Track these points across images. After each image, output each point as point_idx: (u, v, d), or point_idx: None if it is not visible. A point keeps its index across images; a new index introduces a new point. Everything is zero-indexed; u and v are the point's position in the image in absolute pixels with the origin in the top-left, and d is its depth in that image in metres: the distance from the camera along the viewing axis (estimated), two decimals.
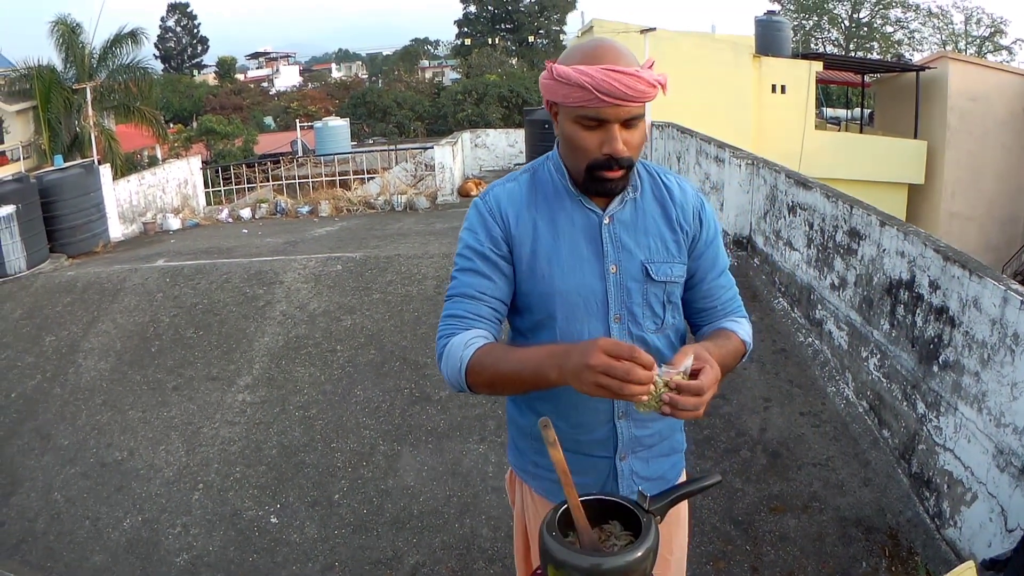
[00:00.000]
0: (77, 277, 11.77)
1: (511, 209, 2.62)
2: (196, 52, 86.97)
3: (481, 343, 2.45)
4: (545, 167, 2.69)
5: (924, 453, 5.78)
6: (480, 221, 2.63)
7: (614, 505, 2.46)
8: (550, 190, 2.64)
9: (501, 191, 2.68)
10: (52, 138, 27.38)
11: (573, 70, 2.33)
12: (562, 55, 2.48)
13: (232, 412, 8.24)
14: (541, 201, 2.63)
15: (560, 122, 2.51)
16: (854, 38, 57.57)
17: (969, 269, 5.24)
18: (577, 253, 2.59)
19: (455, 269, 2.64)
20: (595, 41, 2.44)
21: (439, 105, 57.08)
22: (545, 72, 2.46)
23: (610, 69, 2.30)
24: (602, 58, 2.35)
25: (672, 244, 2.67)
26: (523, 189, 2.66)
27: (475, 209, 2.67)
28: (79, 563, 6.59)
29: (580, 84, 2.32)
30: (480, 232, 2.61)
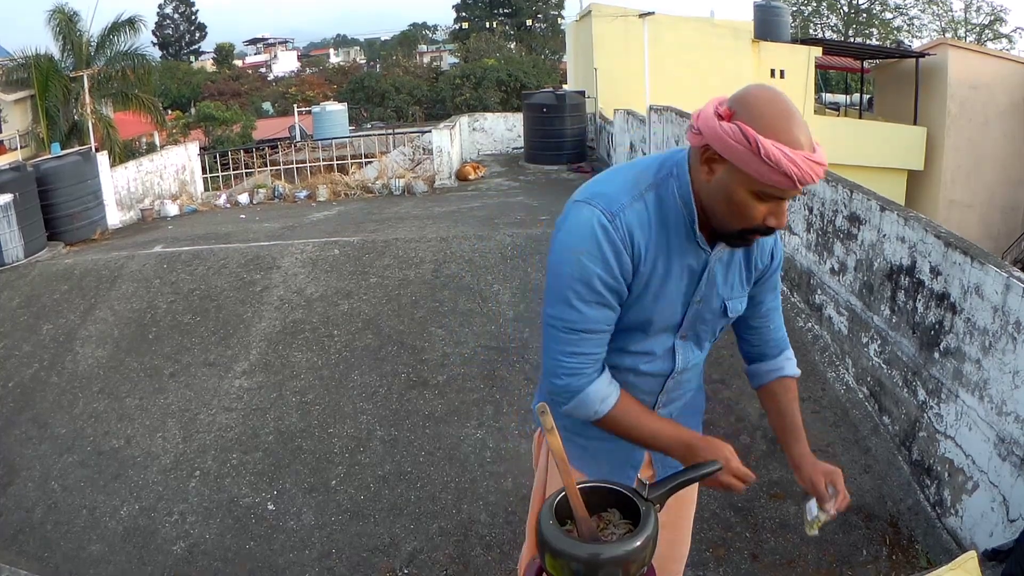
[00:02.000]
0: (74, 265, 11.73)
1: (642, 240, 2.47)
2: (194, 39, 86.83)
3: (615, 399, 2.61)
4: (670, 190, 2.50)
5: (925, 440, 5.75)
6: (612, 250, 2.43)
7: (613, 493, 2.43)
8: (672, 220, 2.51)
9: (632, 216, 2.45)
10: (50, 126, 27.34)
11: (783, 156, 2.21)
12: (745, 110, 2.28)
13: (229, 398, 8.21)
14: (664, 233, 2.51)
15: (724, 180, 2.36)
16: (853, 24, 57.46)
17: (971, 255, 5.20)
18: (676, 287, 2.60)
19: (575, 297, 2.48)
20: (784, 108, 2.29)
21: (437, 90, 57.04)
22: (729, 129, 2.26)
23: (812, 160, 2.25)
24: (800, 141, 2.25)
25: (745, 281, 2.76)
26: (651, 214, 2.49)
27: (603, 233, 2.43)
28: (76, 553, 6.57)
29: (786, 173, 2.23)
30: (612, 262, 2.44)
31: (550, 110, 20.72)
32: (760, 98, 2.27)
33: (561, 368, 2.56)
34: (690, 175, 2.46)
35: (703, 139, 2.33)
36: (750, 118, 2.24)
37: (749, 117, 2.24)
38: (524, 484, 6.57)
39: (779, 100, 2.28)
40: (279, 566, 6.07)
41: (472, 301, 9.45)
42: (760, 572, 5.39)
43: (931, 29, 55.85)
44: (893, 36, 56.50)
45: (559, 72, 55.99)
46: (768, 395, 3.02)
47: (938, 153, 26.11)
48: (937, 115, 26.25)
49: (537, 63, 60.16)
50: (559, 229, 2.52)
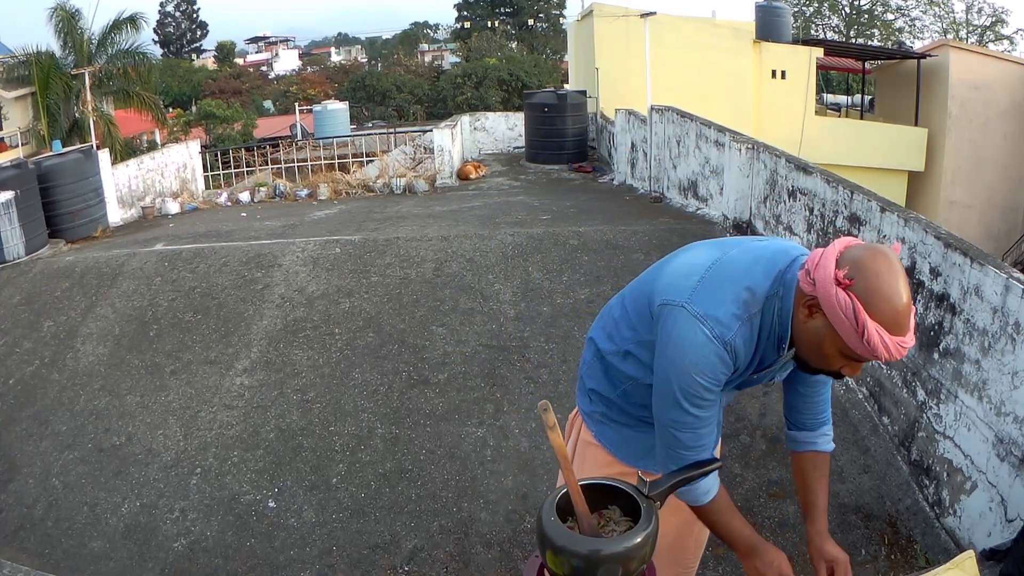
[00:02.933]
0: (76, 262, 11.73)
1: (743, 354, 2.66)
2: (195, 37, 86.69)
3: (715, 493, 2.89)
4: (772, 311, 2.66)
5: (924, 441, 5.76)
6: (723, 370, 2.64)
7: (614, 490, 2.44)
8: (766, 333, 2.68)
9: (739, 340, 2.63)
10: (51, 124, 27.36)
11: (881, 343, 2.35)
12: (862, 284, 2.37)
13: (230, 396, 8.22)
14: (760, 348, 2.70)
15: (819, 330, 2.52)
16: (855, 25, 57.40)
17: (970, 256, 5.21)
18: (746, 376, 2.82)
19: (691, 406, 2.68)
20: (897, 290, 2.37)
21: (439, 88, 57.02)
22: (843, 300, 2.38)
23: (903, 346, 2.37)
24: (902, 327, 2.38)
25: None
26: (753, 332, 2.66)
27: (717, 358, 2.63)
28: (77, 549, 6.58)
29: (876, 354, 2.39)
30: (721, 377, 2.66)
31: (551, 109, 20.73)
32: (877, 273, 2.36)
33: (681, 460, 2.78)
34: (793, 303, 2.61)
35: (814, 291, 2.46)
36: (864, 295, 2.36)
37: (863, 293, 2.36)
38: (525, 483, 6.59)
39: (895, 280, 2.36)
40: (279, 563, 6.09)
41: (473, 300, 9.46)
42: None
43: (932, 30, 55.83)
44: (895, 37, 56.42)
45: (560, 72, 55.94)
46: (799, 465, 3.21)
47: (939, 154, 26.10)
48: (938, 116, 26.25)
49: (539, 63, 60.15)
50: (669, 339, 2.69)
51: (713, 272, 2.69)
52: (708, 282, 2.66)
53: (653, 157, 15.01)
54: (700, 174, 12.46)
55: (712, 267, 2.71)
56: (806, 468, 3.15)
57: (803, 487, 3.16)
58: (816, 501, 3.09)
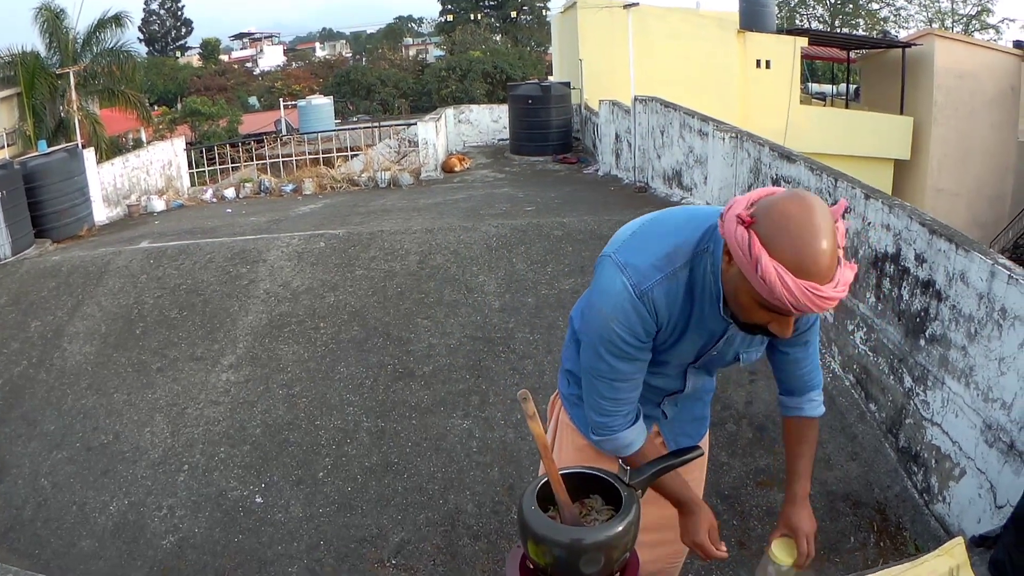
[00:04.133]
0: (62, 261, 11.71)
1: (666, 313, 2.59)
2: (180, 34, 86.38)
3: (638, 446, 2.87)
4: (703, 267, 2.54)
5: (911, 427, 5.78)
6: (640, 323, 2.58)
7: (595, 479, 2.46)
8: (702, 294, 2.57)
9: (660, 293, 2.55)
10: (37, 124, 27.24)
11: (779, 283, 2.15)
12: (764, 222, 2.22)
13: (216, 392, 8.22)
14: (690, 304, 2.60)
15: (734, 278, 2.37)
16: (839, 15, 57.34)
17: (955, 243, 5.22)
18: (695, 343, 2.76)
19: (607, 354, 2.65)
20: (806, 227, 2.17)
21: (423, 82, 57.00)
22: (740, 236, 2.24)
23: (815, 292, 2.14)
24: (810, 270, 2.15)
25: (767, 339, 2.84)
26: (680, 290, 2.56)
27: (632, 308, 2.56)
28: (66, 549, 6.58)
29: (780, 300, 2.19)
30: (639, 331, 2.60)
31: (535, 101, 20.73)
32: (785, 212, 2.20)
33: (600, 409, 2.80)
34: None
35: (723, 233, 2.34)
36: (767, 232, 2.19)
37: (766, 230, 2.20)
38: (511, 474, 6.60)
39: (805, 219, 2.18)
40: (267, 558, 6.10)
41: (457, 292, 9.47)
42: (747, 559, 5.42)
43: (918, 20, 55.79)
44: (880, 27, 56.41)
45: (545, 64, 55.94)
46: (786, 430, 3.16)
47: (925, 142, 26.16)
48: (924, 105, 26.30)
49: (523, 55, 60.11)
50: (593, 285, 2.72)
51: (646, 227, 2.68)
52: (638, 236, 2.65)
53: (637, 147, 15.03)
54: (684, 163, 12.48)
55: (647, 223, 2.69)
56: (791, 433, 3.13)
57: (788, 452, 3.13)
58: (796, 467, 3.06)
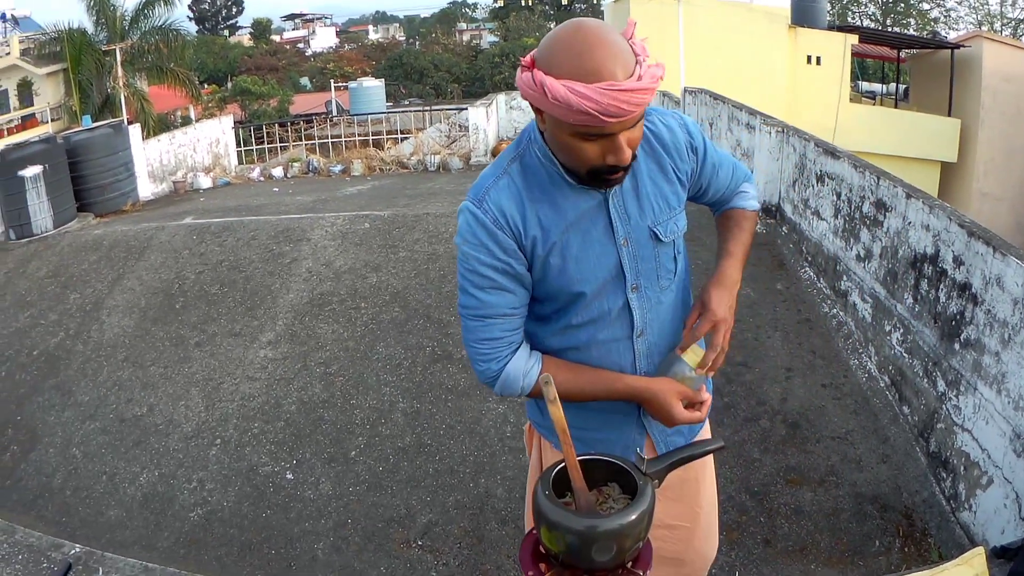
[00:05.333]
0: (103, 235, 11.78)
1: (515, 211, 2.41)
2: (231, 14, 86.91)
3: (539, 368, 2.55)
4: (531, 153, 2.45)
5: (942, 432, 5.65)
6: (486, 234, 2.40)
7: (612, 467, 2.40)
8: (544, 178, 2.43)
9: (497, 194, 2.42)
10: (83, 100, 27.54)
11: (572, 94, 2.05)
12: (542, 54, 2.17)
13: (253, 368, 8.22)
14: (539, 193, 2.43)
15: (549, 127, 2.28)
16: (891, 13, 56.93)
17: (993, 246, 5.08)
18: (588, 239, 2.47)
19: (470, 285, 2.48)
20: (580, 40, 2.10)
21: (476, 68, 57.04)
22: (526, 78, 2.18)
23: (614, 89, 2.04)
24: (598, 71, 2.05)
25: (672, 197, 2.57)
26: (517, 183, 2.43)
27: (474, 220, 2.42)
28: (94, 518, 6.60)
29: (582, 110, 2.06)
30: (491, 245, 2.41)
31: None
32: (557, 38, 2.15)
33: (477, 355, 2.56)
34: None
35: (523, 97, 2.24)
36: (547, 62, 2.14)
37: (546, 61, 2.14)
38: None
39: (577, 34, 2.12)
40: (294, 535, 6.07)
41: None
42: (772, 558, 5.33)
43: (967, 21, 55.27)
44: (930, 27, 55.94)
45: None
46: (718, 221, 2.94)
47: (971, 145, 25.81)
48: (971, 107, 25.96)
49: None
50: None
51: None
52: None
53: None
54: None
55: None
56: (721, 220, 2.89)
57: (719, 236, 2.86)
58: (726, 246, 2.76)
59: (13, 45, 33.93)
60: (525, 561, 2.34)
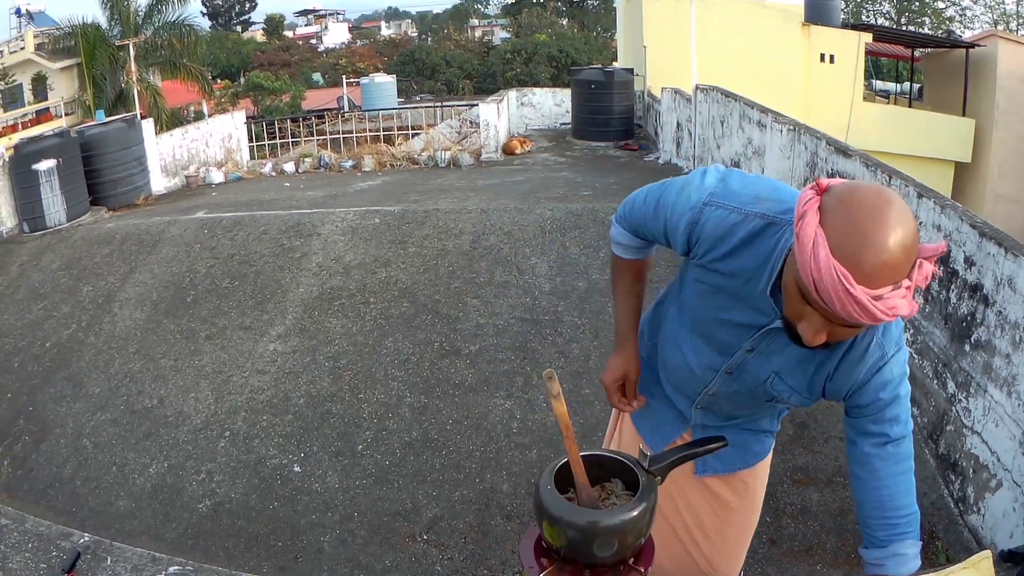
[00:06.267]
0: (116, 229, 11.82)
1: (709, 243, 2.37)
2: (244, 9, 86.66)
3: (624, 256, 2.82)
4: (777, 234, 2.27)
5: (952, 435, 5.65)
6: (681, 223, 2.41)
7: (616, 463, 2.42)
8: (757, 255, 2.31)
9: (719, 219, 2.34)
10: (97, 94, 27.59)
11: (810, 245, 1.89)
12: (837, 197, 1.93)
13: (263, 361, 8.26)
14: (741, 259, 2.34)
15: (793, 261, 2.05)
16: (905, 12, 56.67)
17: (1005, 247, 5.07)
18: (733, 310, 2.45)
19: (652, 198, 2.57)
20: (875, 221, 1.87)
21: (488, 64, 56.91)
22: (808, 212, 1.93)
23: (845, 285, 1.84)
24: (855, 258, 1.85)
25: (813, 385, 2.50)
26: (741, 234, 2.31)
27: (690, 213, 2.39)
28: (103, 508, 6.65)
29: (804, 265, 1.91)
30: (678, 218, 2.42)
31: (598, 87, 20.61)
32: (860, 195, 1.91)
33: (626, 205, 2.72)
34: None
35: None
36: (831, 203, 1.92)
37: (832, 202, 1.93)
38: (549, 456, 6.56)
39: (876, 208, 1.88)
40: (301, 527, 6.12)
41: (508, 273, 9.43)
42: (778, 558, 5.35)
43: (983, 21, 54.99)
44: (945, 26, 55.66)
45: (610, 50, 55.69)
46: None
47: (986, 146, 25.63)
48: (986, 107, 25.78)
49: (589, 40, 59.90)
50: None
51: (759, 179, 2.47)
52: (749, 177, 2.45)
53: (697, 136, 14.90)
54: (743, 155, 12.35)
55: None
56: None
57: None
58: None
59: (28, 40, 34.01)
60: (527, 555, 2.37)
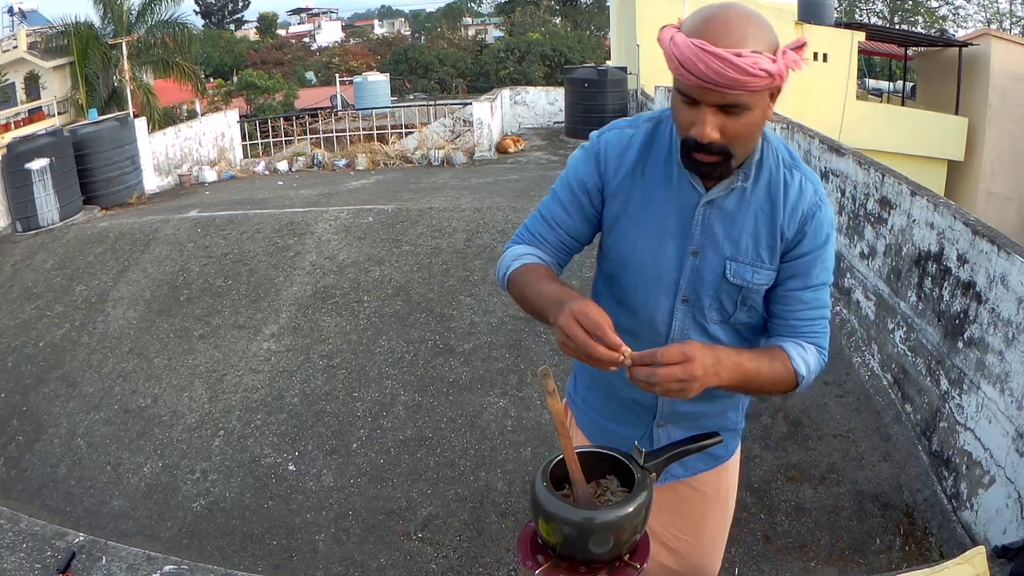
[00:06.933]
0: (109, 228, 11.81)
1: (615, 161, 2.50)
2: (237, 8, 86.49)
3: (529, 261, 2.55)
4: (668, 123, 2.49)
5: (945, 431, 5.65)
6: (584, 161, 2.55)
7: (611, 460, 2.42)
8: (663, 152, 2.48)
9: (616, 137, 2.52)
10: (89, 93, 27.53)
11: (670, 39, 2.16)
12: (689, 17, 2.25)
13: (256, 360, 8.26)
14: (651, 162, 2.48)
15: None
16: (899, 11, 56.68)
17: (998, 245, 5.07)
18: (663, 227, 2.48)
19: (552, 187, 2.64)
20: (715, 8, 2.19)
21: (481, 63, 56.97)
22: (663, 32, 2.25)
23: (700, 47, 2.08)
24: (703, 30, 2.13)
25: (766, 249, 2.49)
26: (638, 141, 2.50)
27: (587, 147, 2.57)
28: (98, 508, 6.65)
29: (669, 55, 2.16)
30: (580, 171, 2.55)
31: (592, 85, 20.60)
32: (707, 5, 2.22)
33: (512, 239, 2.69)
34: None
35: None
36: (684, 22, 2.24)
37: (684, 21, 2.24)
38: (543, 454, 6.56)
39: (722, 6, 2.21)
40: (296, 525, 6.12)
41: None
42: (772, 554, 5.36)
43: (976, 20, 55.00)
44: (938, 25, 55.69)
45: (604, 48, 55.71)
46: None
47: (979, 144, 25.65)
48: (979, 106, 25.80)
49: (582, 39, 59.96)
50: None
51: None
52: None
53: None
54: None
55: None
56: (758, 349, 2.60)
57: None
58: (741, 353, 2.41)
59: (20, 39, 33.92)
60: (523, 552, 2.36)
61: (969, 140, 25.66)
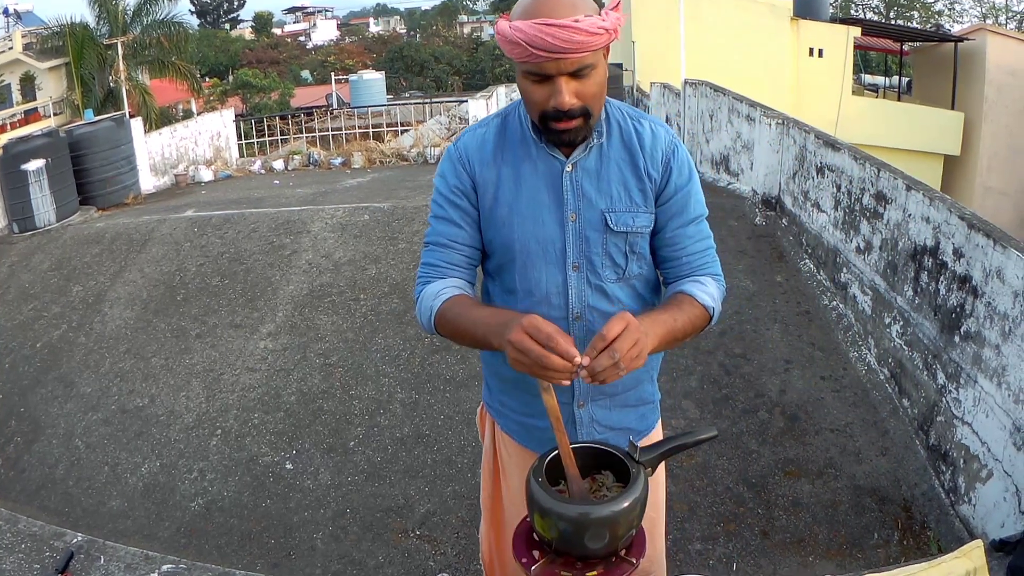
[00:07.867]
0: (106, 228, 11.81)
1: (477, 156, 2.62)
2: (232, 7, 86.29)
3: (449, 295, 2.52)
4: (516, 113, 2.64)
5: (942, 425, 5.66)
6: (450, 168, 2.64)
7: (606, 455, 2.42)
8: (517, 137, 2.62)
9: (470, 137, 2.66)
10: (85, 93, 27.52)
11: (509, 27, 2.31)
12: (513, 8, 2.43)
13: (253, 359, 8.26)
14: (508, 148, 2.62)
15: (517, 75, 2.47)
16: (894, 6, 56.64)
17: (993, 238, 5.08)
18: (537, 201, 2.58)
19: (430, 215, 2.67)
20: None
21: (477, 60, 56.98)
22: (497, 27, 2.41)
23: (542, 23, 2.25)
24: (537, 11, 2.29)
25: (637, 193, 2.60)
26: (492, 135, 2.64)
27: (447, 155, 2.69)
28: (96, 508, 6.65)
29: (514, 41, 2.30)
30: (450, 178, 2.63)
31: None
32: None
33: (417, 280, 2.68)
34: None
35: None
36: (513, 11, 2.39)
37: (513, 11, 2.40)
38: None
39: None
40: (293, 524, 6.12)
41: None
42: (769, 550, 5.36)
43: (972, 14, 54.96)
44: (934, 20, 55.66)
45: None
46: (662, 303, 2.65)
47: (975, 139, 25.67)
48: (975, 100, 25.82)
49: None
50: None
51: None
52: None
53: (687, 131, 14.90)
54: (732, 149, 12.35)
55: None
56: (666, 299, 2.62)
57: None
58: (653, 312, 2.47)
59: (16, 39, 33.90)
60: (518, 548, 2.37)
61: (965, 135, 25.68)
